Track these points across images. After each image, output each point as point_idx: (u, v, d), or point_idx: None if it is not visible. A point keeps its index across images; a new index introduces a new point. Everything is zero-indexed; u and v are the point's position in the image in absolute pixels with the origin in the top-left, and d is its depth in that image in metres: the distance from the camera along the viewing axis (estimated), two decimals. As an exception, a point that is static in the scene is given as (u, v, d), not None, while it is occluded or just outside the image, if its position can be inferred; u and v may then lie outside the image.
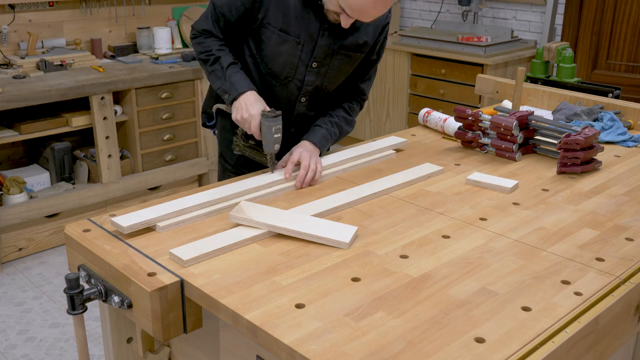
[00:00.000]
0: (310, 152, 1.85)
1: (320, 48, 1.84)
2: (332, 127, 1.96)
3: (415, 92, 4.64)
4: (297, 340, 1.10)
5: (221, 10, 1.84)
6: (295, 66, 1.87)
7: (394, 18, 5.12)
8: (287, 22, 1.80)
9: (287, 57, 1.85)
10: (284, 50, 1.84)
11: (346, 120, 2.00)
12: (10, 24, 3.74)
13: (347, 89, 2.02)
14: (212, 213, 1.60)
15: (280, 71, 1.88)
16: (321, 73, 1.89)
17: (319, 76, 1.90)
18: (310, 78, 1.89)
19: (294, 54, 1.84)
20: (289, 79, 1.89)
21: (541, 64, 3.58)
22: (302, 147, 1.86)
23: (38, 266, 3.45)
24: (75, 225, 1.53)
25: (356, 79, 2.00)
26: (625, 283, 1.33)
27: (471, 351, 1.09)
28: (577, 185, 1.83)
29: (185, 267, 1.35)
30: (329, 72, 1.90)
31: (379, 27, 1.91)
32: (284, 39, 1.82)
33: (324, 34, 1.82)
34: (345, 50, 1.87)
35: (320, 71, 1.89)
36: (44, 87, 3.36)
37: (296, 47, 1.83)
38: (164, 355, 1.52)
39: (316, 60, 1.86)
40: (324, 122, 1.95)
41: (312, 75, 1.89)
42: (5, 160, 3.82)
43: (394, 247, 1.45)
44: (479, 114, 2.03)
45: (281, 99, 1.93)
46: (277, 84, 1.91)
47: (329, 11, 1.76)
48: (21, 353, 2.74)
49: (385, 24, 1.92)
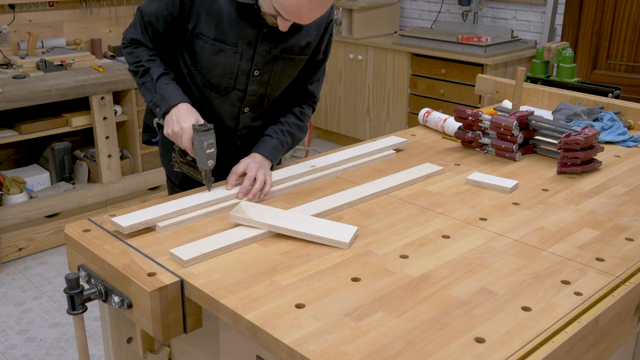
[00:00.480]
0: (259, 163, 1.73)
1: (261, 55, 1.75)
2: (283, 135, 1.85)
3: (415, 92, 4.64)
4: (297, 340, 1.10)
5: (149, 19, 1.74)
6: (234, 76, 1.77)
7: (394, 18, 5.13)
8: (221, 30, 1.71)
9: (225, 67, 1.75)
10: (221, 60, 1.74)
11: (298, 127, 1.90)
12: (10, 24, 3.74)
13: (295, 93, 1.92)
14: (212, 213, 1.60)
15: (219, 82, 1.79)
16: (264, 81, 1.80)
17: (262, 84, 1.81)
18: (253, 87, 1.80)
19: (233, 63, 1.75)
20: (229, 89, 1.79)
21: (541, 64, 3.57)
22: (250, 159, 1.75)
23: (38, 266, 3.45)
24: (75, 225, 1.53)
25: (304, 81, 1.91)
26: (625, 283, 1.33)
27: (471, 351, 1.09)
28: (577, 185, 1.83)
29: (185, 267, 1.35)
30: (272, 78, 1.81)
31: (322, 25, 1.81)
32: (219, 48, 1.72)
33: (263, 39, 1.72)
34: (287, 54, 1.78)
35: (263, 79, 1.79)
36: (44, 87, 3.36)
37: (234, 56, 1.73)
38: (164, 355, 1.52)
39: (257, 67, 1.76)
40: (275, 132, 1.84)
41: (255, 84, 1.79)
42: (5, 160, 3.82)
43: (394, 247, 1.45)
44: (479, 114, 2.03)
45: (223, 111, 1.84)
46: (216, 96, 1.82)
47: (266, 14, 1.66)
48: (21, 353, 2.74)
49: (328, 21, 1.83)
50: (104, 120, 3.57)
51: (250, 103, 1.84)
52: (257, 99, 1.84)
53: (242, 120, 1.87)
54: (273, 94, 1.87)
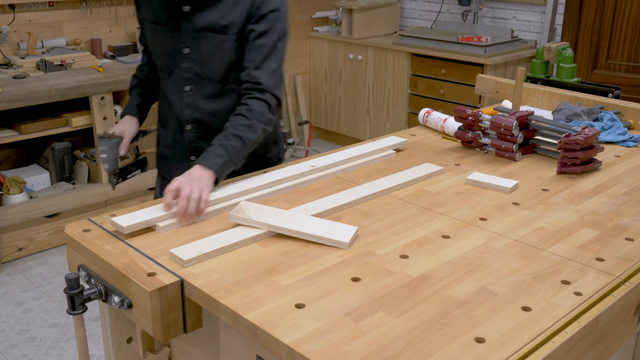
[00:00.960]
0: (194, 178, 1.58)
1: (186, 32, 1.83)
2: (228, 140, 1.69)
3: (415, 92, 4.64)
4: (297, 340, 1.10)
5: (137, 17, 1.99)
6: (170, 54, 1.87)
7: (394, 18, 5.13)
8: (155, 11, 1.87)
9: (163, 46, 1.89)
10: (159, 40, 1.89)
11: (247, 127, 1.73)
12: (10, 24, 3.74)
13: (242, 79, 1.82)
14: (212, 213, 1.60)
15: (161, 63, 1.93)
16: (196, 59, 1.84)
17: (195, 63, 1.85)
18: (187, 65, 1.86)
19: (167, 41, 1.87)
20: (171, 68, 1.89)
21: (541, 64, 3.57)
22: (185, 174, 1.61)
23: (38, 266, 3.45)
24: (75, 225, 1.53)
25: (247, 65, 1.81)
26: (625, 283, 1.33)
27: (471, 351, 1.09)
28: (577, 185, 1.83)
29: (185, 267, 1.35)
30: (202, 57, 1.84)
31: (247, 5, 1.79)
32: (155, 29, 1.89)
33: (184, 17, 1.81)
34: (209, 32, 1.80)
35: (195, 57, 1.84)
36: (44, 87, 3.36)
37: (166, 34, 1.86)
38: (164, 355, 1.52)
39: (186, 45, 1.84)
40: (218, 138, 1.71)
41: (187, 62, 1.85)
42: (5, 160, 3.82)
43: (394, 247, 1.45)
44: (479, 114, 2.03)
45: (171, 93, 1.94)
46: (164, 78, 1.95)
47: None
48: (21, 353, 2.74)
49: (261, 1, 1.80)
50: (104, 120, 3.57)
51: (190, 82, 1.88)
52: (195, 77, 1.87)
53: (185, 100, 1.90)
54: (209, 75, 1.86)
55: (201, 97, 1.89)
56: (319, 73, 5.31)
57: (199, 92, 1.89)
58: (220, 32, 1.81)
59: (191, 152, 1.95)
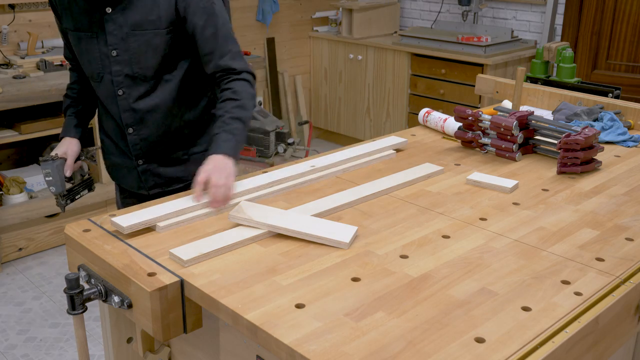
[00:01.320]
0: (218, 167, 1.63)
1: (112, 35, 1.79)
2: (227, 125, 1.74)
3: (415, 92, 4.64)
4: (297, 340, 1.10)
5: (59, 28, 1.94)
6: (98, 60, 1.84)
7: (394, 18, 5.13)
8: (75, 19, 1.83)
9: (89, 53, 1.85)
10: (84, 48, 1.85)
11: (239, 107, 1.77)
12: (10, 24, 3.74)
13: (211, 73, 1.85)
14: (212, 213, 1.60)
15: (90, 70, 1.88)
16: (125, 60, 1.82)
17: (125, 64, 1.82)
18: (117, 68, 1.83)
19: (93, 48, 1.83)
20: (100, 74, 1.86)
21: (541, 64, 3.58)
22: (207, 164, 1.66)
23: (38, 266, 3.45)
24: (75, 225, 1.53)
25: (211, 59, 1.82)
26: (625, 283, 1.33)
27: (471, 351, 1.09)
28: (577, 185, 1.83)
29: (185, 267, 1.35)
30: (132, 57, 1.81)
31: None
32: (79, 37, 1.84)
33: (108, 19, 1.78)
34: (139, 30, 1.79)
35: (124, 58, 1.82)
36: (44, 87, 3.36)
37: (91, 40, 1.82)
38: (164, 355, 1.52)
39: (114, 48, 1.81)
40: (218, 127, 1.75)
41: (117, 65, 1.82)
42: (5, 160, 3.82)
43: (394, 247, 1.45)
44: (479, 114, 2.03)
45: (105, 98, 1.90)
46: (96, 85, 1.90)
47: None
48: (21, 353, 2.74)
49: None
50: (104, 120, 3.57)
51: (122, 85, 1.85)
52: (126, 79, 1.84)
53: (122, 104, 1.88)
54: (143, 72, 1.84)
55: (136, 97, 1.87)
56: (319, 73, 5.31)
57: (134, 93, 1.86)
58: (150, 28, 1.79)
59: (138, 155, 1.95)
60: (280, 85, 5.18)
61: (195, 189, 1.63)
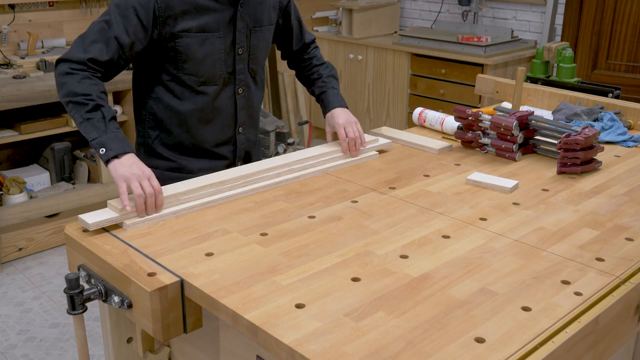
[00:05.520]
0: (350, 120, 1.96)
1: (240, 32, 1.85)
2: (328, 82, 2.05)
3: (415, 92, 4.64)
4: (297, 340, 1.10)
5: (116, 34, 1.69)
6: (223, 60, 1.84)
7: (394, 18, 5.13)
8: (200, 20, 1.77)
9: (214, 54, 1.81)
10: (208, 49, 1.80)
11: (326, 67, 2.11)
12: (10, 24, 3.74)
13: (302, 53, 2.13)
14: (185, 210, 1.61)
15: (212, 72, 1.83)
16: (245, 57, 1.90)
17: (246, 61, 1.90)
18: (240, 66, 1.88)
19: (219, 48, 1.82)
20: (222, 75, 1.85)
21: (541, 64, 3.58)
22: (337, 118, 1.96)
23: (38, 266, 3.45)
24: (75, 225, 1.53)
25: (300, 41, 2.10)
26: (625, 283, 1.33)
27: (471, 351, 1.09)
28: (577, 185, 1.83)
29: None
30: (251, 53, 1.90)
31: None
32: (204, 38, 1.78)
33: (238, 15, 1.83)
34: (259, 26, 1.90)
35: (244, 56, 1.89)
36: (44, 87, 3.36)
37: (218, 41, 1.81)
38: (164, 355, 1.52)
39: (240, 46, 1.86)
40: (319, 87, 2.06)
41: (241, 63, 1.88)
42: (5, 160, 3.82)
43: (394, 247, 1.45)
44: (479, 114, 2.03)
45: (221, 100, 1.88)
46: (213, 89, 1.85)
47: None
48: (21, 353, 2.74)
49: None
50: (104, 120, 3.57)
51: (242, 83, 1.91)
52: (245, 77, 1.92)
53: (239, 102, 1.92)
54: (256, 69, 1.95)
55: (252, 94, 1.96)
56: (319, 73, 5.30)
57: (248, 90, 1.94)
58: (268, 24, 1.94)
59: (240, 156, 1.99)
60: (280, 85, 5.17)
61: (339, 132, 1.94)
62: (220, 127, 1.91)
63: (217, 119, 1.90)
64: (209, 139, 1.91)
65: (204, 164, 1.93)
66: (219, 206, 1.65)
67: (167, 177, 1.82)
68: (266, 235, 1.49)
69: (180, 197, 1.62)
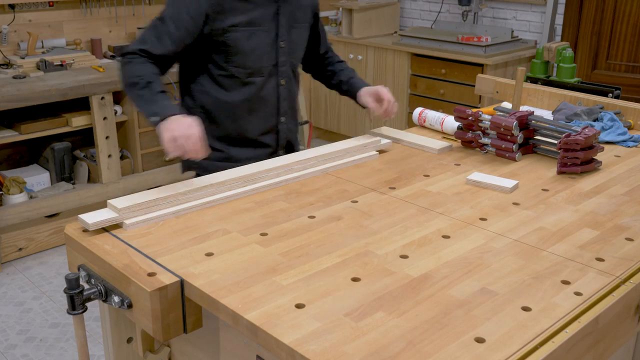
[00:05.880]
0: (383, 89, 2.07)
1: (282, 27, 1.97)
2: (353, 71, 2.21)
3: (415, 92, 4.64)
4: (297, 340, 1.10)
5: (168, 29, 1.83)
6: (268, 53, 1.97)
7: (394, 18, 5.13)
8: (247, 15, 1.90)
9: (260, 47, 1.94)
10: (254, 42, 1.93)
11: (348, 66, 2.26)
12: (10, 24, 3.74)
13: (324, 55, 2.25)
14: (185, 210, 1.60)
15: (259, 65, 1.96)
16: (287, 51, 2.02)
17: (287, 55, 2.02)
18: (283, 59, 2.01)
19: (265, 42, 1.95)
20: (267, 67, 1.98)
21: (541, 64, 3.58)
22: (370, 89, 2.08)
23: (38, 266, 3.45)
24: (75, 225, 1.53)
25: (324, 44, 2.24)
26: (625, 283, 1.33)
27: (471, 351, 1.09)
28: (577, 185, 1.83)
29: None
30: (291, 47, 2.03)
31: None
32: (251, 32, 1.91)
33: (280, 11, 1.96)
34: (298, 23, 2.03)
35: (286, 50, 2.01)
36: (44, 87, 3.36)
37: (264, 34, 1.94)
38: (164, 355, 1.52)
39: (282, 39, 1.99)
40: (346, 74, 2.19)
41: (283, 55, 2.00)
42: (5, 160, 3.82)
43: (394, 247, 1.45)
44: (479, 114, 2.03)
45: (266, 91, 2.00)
46: (260, 80, 1.98)
47: None
48: (21, 353, 2.74)
49: None
50: (104, 120, 3.57)
51: (284, 75, 2.03)
52: (287, 69, 2.04)
53: (282, 93, 2.05)
54: (296, 63, 2.10)
55: (293, 86, 2.09)
56: (319, 73, 5.30)
57: (290, 82, 2.07)
58: (305, 21, 2.08)
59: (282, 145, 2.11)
60: (280, 85, 5.17)
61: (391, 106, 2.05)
62: (264, 117, 2.04)
63: (262, 109, 2.02)
64: (255, 128, 2.04)
65: (250, 152, 2.04)
66: (219, 206, 1.65)
67: (217, 167, 1.86)
68: (266, 235, 1.49)
69: (180, 197, 1.62)
